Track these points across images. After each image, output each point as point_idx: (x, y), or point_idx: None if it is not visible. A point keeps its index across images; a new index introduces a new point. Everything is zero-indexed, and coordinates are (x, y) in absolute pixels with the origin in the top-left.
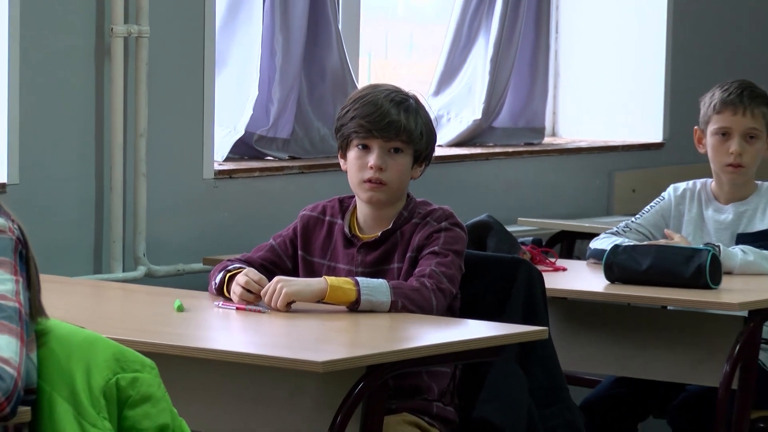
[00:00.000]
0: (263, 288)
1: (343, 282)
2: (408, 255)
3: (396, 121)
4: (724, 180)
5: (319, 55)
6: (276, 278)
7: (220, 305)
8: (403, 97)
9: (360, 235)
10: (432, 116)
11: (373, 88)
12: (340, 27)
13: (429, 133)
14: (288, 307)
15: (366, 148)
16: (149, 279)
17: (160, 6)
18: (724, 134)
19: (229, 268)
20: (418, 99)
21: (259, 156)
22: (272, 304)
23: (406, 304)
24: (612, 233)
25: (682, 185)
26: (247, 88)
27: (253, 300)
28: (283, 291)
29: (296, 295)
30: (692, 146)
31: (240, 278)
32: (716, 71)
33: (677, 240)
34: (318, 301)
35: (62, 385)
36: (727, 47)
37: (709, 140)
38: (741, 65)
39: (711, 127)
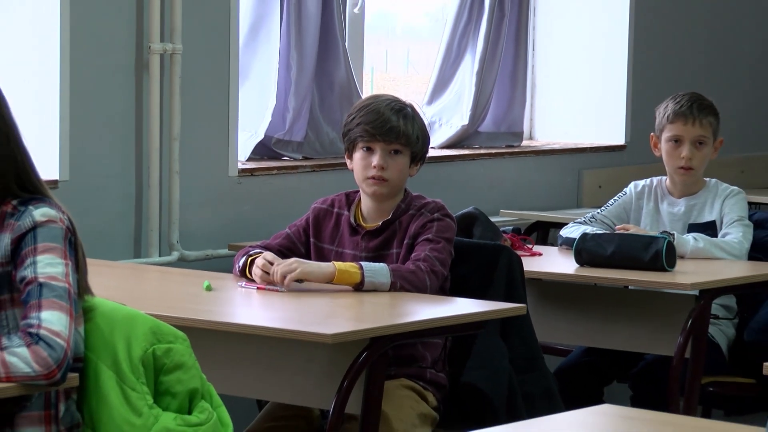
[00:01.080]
0: (272, 271)
1: (349, 266)
2: (405, 242)
3: (396, 126)
4: (677, 180)
5: (328, 69)
6: (293, 259)
7: (243, 285)
8: (401, 106)
9: (364, 225)
10: (426, 122)
11: (375, 98)
12: (346, 45)
13: (424, 137)
14: (300, 282)
15: (370, 149)
16: (182, 263)
17: (192, 27)
18: (677, 141)
19: (251, 252)
20: (414, 107)
21: (277, 156)
22: (286, 279)
23: (404, 284)
24: (581, 223)
25: (641, 182)
26: (266, 97)
27: (271, 280)
28: (298, 269)
29: (309, 275)
30: (650, 149)
31: (258, 261)
32: (670, 84)
33: (632, 230)
34: (327, 282)
35: (106, 354)
36: (680, 64)
37: (664, 146)
38: (692, 80)
39: (665, 135)
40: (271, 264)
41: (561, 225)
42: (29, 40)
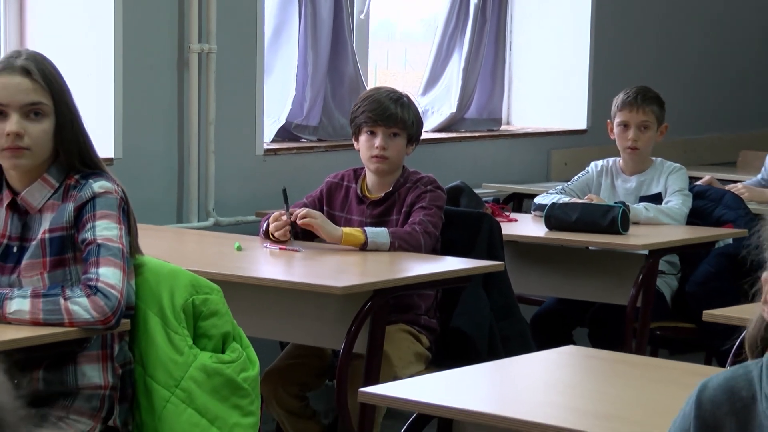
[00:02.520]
0: (284, 225)
1: (354, 230)
2: (404, 210)
3: (394, 113)
4: (627, 159)
5: (339, 66)
6: (317, 212)
7: (267, 246)
8: (398, 96)
9: (369, 196)
10: (419, 110)
11: (376, 90)
12: (354, 46)
13: (418, 122)
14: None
15: (373, 133)
16: (217, 227)
17: (224, 30)
18: (625, 126)
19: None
20: (409, 97)
21: (296, 139)
22: (300, 217)
23: (402, 243)
24: (550, 195)
25: (600, 162)
26: (287, 89)
27: (283, 234)
28: (318, 220)
29: (322, 229)
30: (607, 133)
31: (269, 219)
32: (625, 79)
33: (596, 200)
34: (336, 243)
35: (153, 303)
36: (634, 61)
37: (615, 130)
38: (644, 75)
39: (616, 121)
40: (278, 218)
41: (533, 196)
42: (89, 42)
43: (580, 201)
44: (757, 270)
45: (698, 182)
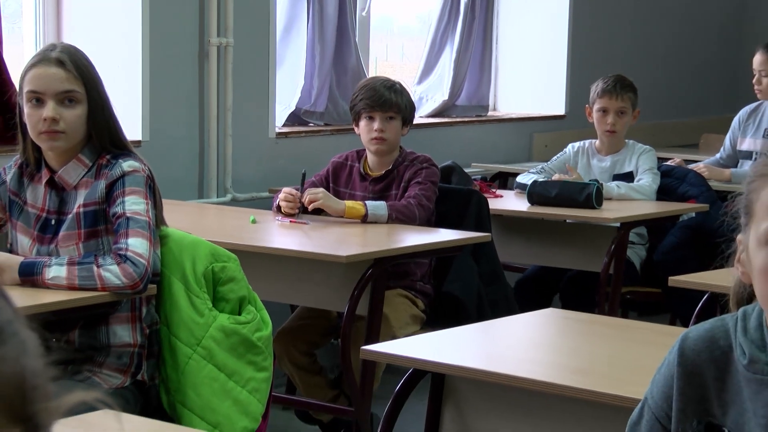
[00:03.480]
0: (296, 196)
1: (356, 204)
2: (402, 185)
3: (389, 99)
4: (604, 141)
5: (343, 58)
6: (320, 189)
7: (278, 219)
8: (392, 83)
9: (370, 173)
10: (415, 97)
11: (372, 80)
12: (356, 40)
13: (410, 106)
14: (318, 214)
15: (371, 118)
16: (234, 202)
17: (240, 26)
18: (604, 111)
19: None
20: (402, 84)
21: (304, 123)
22: (310, 198)
23: (399, 215)
24: (532, 173)
25: (577, 144)
26: (296, 79)
27: (292, 208)
28: (321, 199)
29: (327, 206)
30: (584, 118)
31: (280, 195)
32: (599, 70)
33: (575, 176)
34: (340, 216)
35: (177, 270)
36: (607, 54)
37: (595, 115)
38: (616, 66)
39: (595, 107)
40: (290, 193)
41: (517, 174)
42: (120, 36)
43: (568, 176)
44: (732, 233)
45: (667, 162)
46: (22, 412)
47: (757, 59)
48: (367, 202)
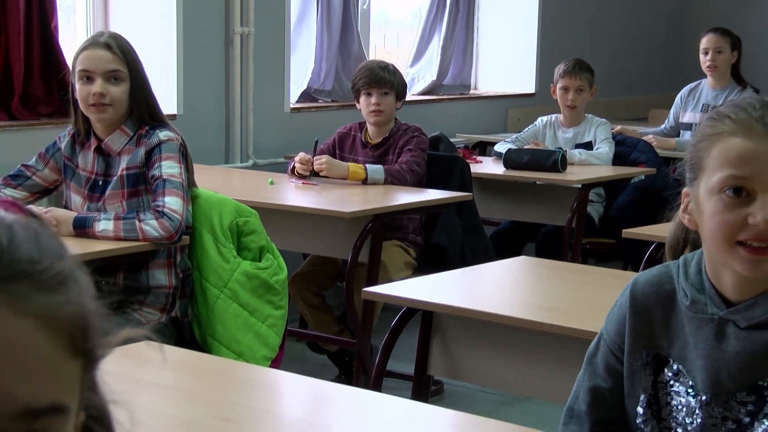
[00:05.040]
0: (309, 160)
1: (358, 167)
2: (396, 151)
3: (383, 77)
4: (567, 115)
5: (347, 45)
6: (325, 156)
7: (292, 181)
8: (386, 65)
9: (370, 141)
10: (407, 77)
11: (370, 62)
12: (358, 30)
13: (402, 83)
14: (326, 177)
15: (369, 94)
16: (255, 167)
17: (260, 17)
18: (565, 89)
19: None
20: (394, 66)
21: (314, 100)
22: (317, 168)
23: (393, 178)
24: (507, 142)
25: (545, 117)
26: (307, 62)
27: (305, 170)
28: (326, 164)
29: (331, 170)
30: (550, 96)
31: (296, 158)
32: (563, 53)
33: (542, 146)
34: (344, 179)
35: (206, 224)
36: (570, 40)
37: (558, 92)
38: (578, 50)
39: (558, 85)
40: (306, 158)
41: (494, 143)
42: (157, 25)
43: (533, 146)
44: (678, 188)
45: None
46: (82, 347)
47: (710, 38)
48: (367, 165)
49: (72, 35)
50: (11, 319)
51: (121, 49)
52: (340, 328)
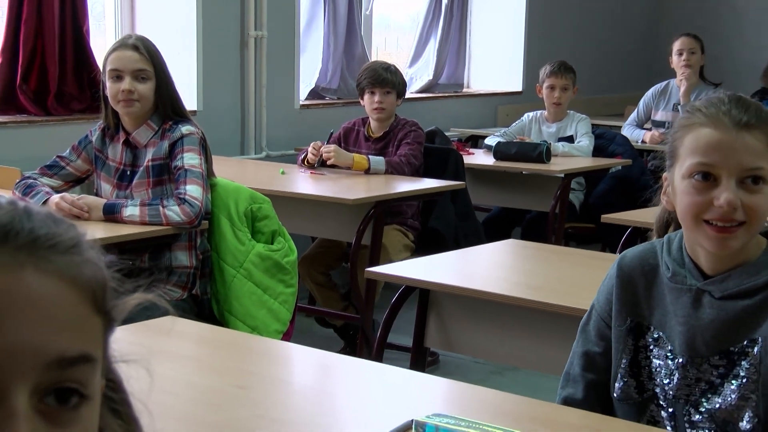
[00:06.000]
0: (320, 146)
1: (362, 158)
2: (396, 144)
3: (386, 77)
4: (551, 111)
5: (351, 47)
6: (333, 146)
7: (302, 171)
8: (388, 65)
9: (372, 135)
10: (406, 77)
11: (373, 63)
12: (362, 33)
13: (403, 83)
14: (333, 167)
15: (372, 92)
16: (267, 158)
17: (273, 22)
18: (551, 88)
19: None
20: (396, 66)
21: (322, 97)
22: (325, 156)
23: (393, 170)
24: (496, 136)
25: (531, 113)
26: (316, 63)
27: (315, 155)
28: (333, 154)
29: (338, 160)
30: (535, 94)
31: (309, 149)
32: (548, 55)
33: (528, 140)
34: (348, 168)
35: (224, 210)
36: (555, 43)
37: (544, 91)
38: (562, 52)
39: (545, 85)
40: (318, 146)
41: (485, 137)
42: (179, 29)
43: (518, 140)
44: (652, 178)
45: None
46: (102, 306)
47: (684, 41)
48: (369, 157)
49: (102, 38)
50: (37, 278)
51: (147, 51)
52: (345, 305)
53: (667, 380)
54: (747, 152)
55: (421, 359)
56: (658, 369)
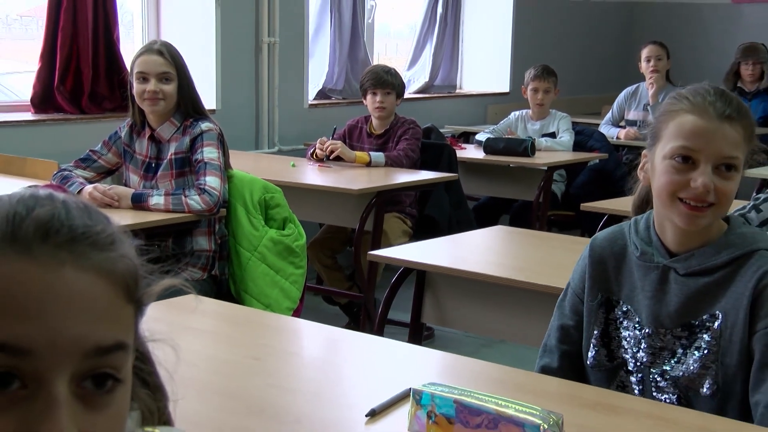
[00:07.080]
0: (326, 142)
1: (364, 154)
2: (395, 140)
3: (386, 79)
4: (535, 110)
5: (355, 52)
6: (339, 142)
7: (311, 164)
8: (388, 69)
9: (374, 132)
10: (405, 79)
11: (375, 66)
12: (365, 40)
13: (401, 84)
14: (338, 161)
15: (374, 93)
16: (279, 152)
17: (284, 29)
18: (535, 90)
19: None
20: (396, 69)
21: (328, 97)
22: (331, 149)
23: (392, 163)
24: (486, 132)
25: (517, 112)
26: (323, 66)
27: (322, 149)
28: (339, 148)
29: (343, 154)
30: (521, 95)
31: (317, 144)
32: (533, 59)
33: (515, 136)
34: (352, 162)
35: (239, 199)
36: (539, 48)
37: (529, 93)
38: (546, 57)
39: (529, 87)
40: (324, 140)
41: (476, 133)
42: (200, 35)
43: (507, 135)
44: (627, 171)
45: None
46: (134, 295)
47: (651, 48)
48: (371, 152)
49: (131, 44)
50: (76, 274)
51: (171, 55)
52: (349, 285)
53: (636, 349)
54: (726, 142)
55: (418, 334)
56: (627, 339)
